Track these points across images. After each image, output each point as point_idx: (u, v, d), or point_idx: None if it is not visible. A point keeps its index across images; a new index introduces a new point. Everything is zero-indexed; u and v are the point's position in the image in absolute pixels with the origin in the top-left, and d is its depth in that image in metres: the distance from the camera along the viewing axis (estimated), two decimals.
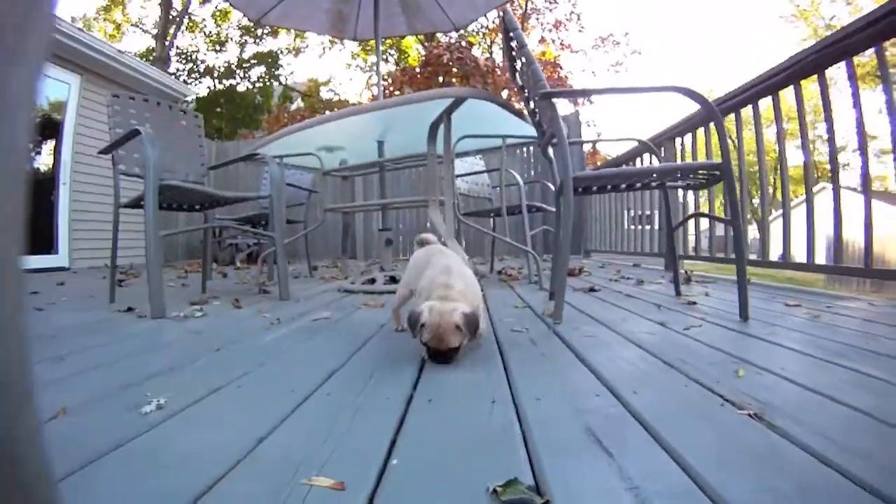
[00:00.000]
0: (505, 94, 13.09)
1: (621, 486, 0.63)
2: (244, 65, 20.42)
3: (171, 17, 19.13)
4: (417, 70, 13.73)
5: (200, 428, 0.85)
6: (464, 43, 14.97)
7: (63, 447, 0.77)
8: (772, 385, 1.05)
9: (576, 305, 2.25)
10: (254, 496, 0.62)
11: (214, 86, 20.13)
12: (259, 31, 20.43)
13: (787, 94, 3.08)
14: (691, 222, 3.99)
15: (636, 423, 0.84)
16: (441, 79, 13.06)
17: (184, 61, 20.32)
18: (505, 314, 2.04)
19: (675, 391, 1.02)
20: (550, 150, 2.42)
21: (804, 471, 0.67)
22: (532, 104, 2.42)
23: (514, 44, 2.36)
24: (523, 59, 2.26)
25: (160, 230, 2.18)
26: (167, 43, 18.89)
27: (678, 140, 4.27)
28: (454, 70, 12.92)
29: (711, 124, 3.91)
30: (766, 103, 3.18)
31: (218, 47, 20.97)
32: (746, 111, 3.32)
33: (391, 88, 13.13)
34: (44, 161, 6.42)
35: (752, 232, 8.92)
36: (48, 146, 6.36)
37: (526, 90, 2.48)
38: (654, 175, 2.07)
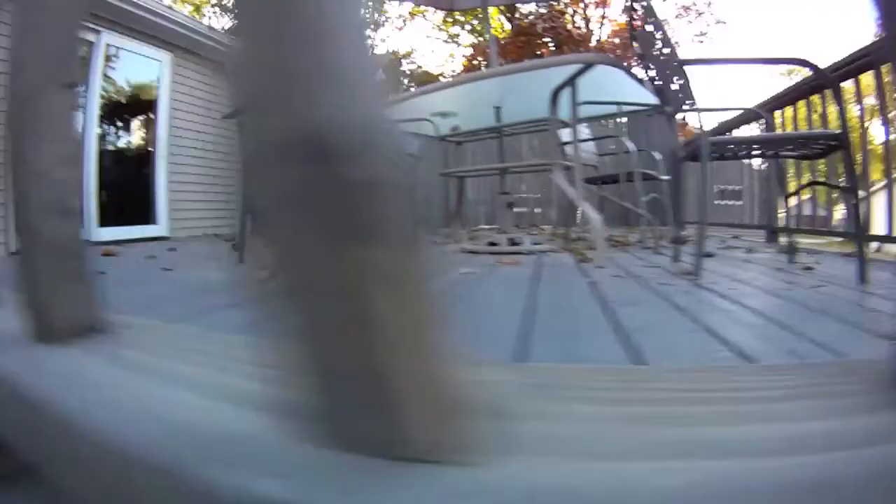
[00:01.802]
0: None
1: None
2: None
3: None
4: (507, 40, 13.23)
5: None
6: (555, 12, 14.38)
7: None
8: None
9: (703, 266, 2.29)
10: None
11: None
12: None
13: None
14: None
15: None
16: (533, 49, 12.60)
17: None
18: (638, 272, 2.13)
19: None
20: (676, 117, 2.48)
21: None
22: (653, 71, 2.45)
23: (637, 14, 2.41)
24: (650, 28, 2.32)
25: None
26: None
27: (778, 112, 4.15)
28: (546, 40, 12.56)
29: (813, 97, 3.79)
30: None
31: None
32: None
33: (478, 59, 12.84)
34: (143, 137, 6.81)
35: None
36: (146, 122, 6.73)
37: (646, 57, 2.51)
38: (778, 142, 2.15)
